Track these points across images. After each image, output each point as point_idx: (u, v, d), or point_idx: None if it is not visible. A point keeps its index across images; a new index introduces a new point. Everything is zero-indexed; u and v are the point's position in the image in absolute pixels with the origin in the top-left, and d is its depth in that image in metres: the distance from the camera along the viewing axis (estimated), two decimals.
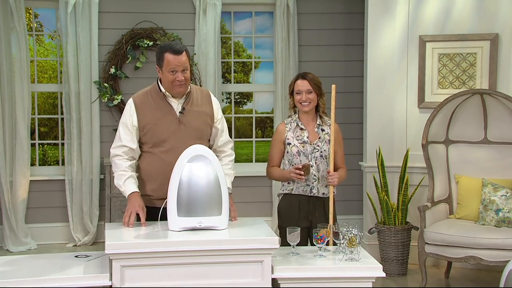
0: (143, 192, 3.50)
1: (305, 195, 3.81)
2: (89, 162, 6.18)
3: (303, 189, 3.81)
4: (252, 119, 6.78)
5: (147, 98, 3.48)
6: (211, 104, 3.58)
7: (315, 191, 3.81)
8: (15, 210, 6.06)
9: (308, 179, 3.78)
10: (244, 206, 6.30)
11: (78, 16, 6.06)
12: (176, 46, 3.39)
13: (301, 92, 3.78)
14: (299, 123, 3.86)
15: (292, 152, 3.82)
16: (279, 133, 3.89)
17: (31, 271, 3.04)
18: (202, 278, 3.00)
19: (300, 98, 3.79)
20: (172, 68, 3.36)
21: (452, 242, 4.59)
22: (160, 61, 3.41)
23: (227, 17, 6.57)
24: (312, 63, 6.41)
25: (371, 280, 3.14)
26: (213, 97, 3.63)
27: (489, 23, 5.31)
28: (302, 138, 3.83)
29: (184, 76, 3.38)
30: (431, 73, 5.45)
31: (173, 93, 3.45)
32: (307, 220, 3.80)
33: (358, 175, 5.99)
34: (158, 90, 3.48)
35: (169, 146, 3.41)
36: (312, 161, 3.80)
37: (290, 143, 3.84)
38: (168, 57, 3.36)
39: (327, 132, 3.85)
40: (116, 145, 3.47)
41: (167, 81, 3.40)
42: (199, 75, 6.28)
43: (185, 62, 3.39)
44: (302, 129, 3.85)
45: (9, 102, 6.03)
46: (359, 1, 6.13)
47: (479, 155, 5.09)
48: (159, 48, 3.44)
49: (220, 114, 3.61)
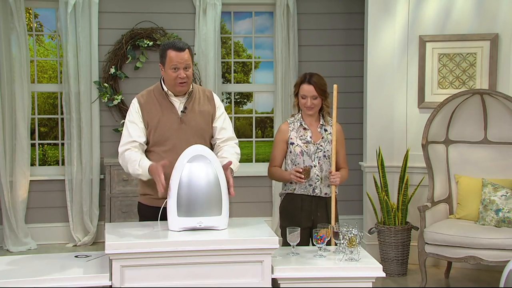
0: (144, 192, 3.50)
1: (308, 195, 3.81)
2: (89, 162, 6.18)
3: (306, 189, 3.81)
4: (252, 119, 6.78)
5: (150, 97, 3.48)
6: (213, 103, 3.57)
7: (318, 191, 3.80)
8: (15, 210, 6.06)
9: (311, 179, 3.78)
10: (244, 206, 6.32)
11: (78, 16, 6.06)
12: (179, 44, 3.40)
13: (306, 97, 3.77)
14: (303, 122, 3.85)
15: (296, 152, 3.82)
16: (282, 132, 3.88)
17: (31, 271, 3.04)
18: (202, 278, 3.00)
19: (305, 103, 3.78)
20: (174, 65, 3.36)
21: (452, 242, 4.59)
22: (162, 58, 3.41)
23: (227, 17, 6.57)
24: (312, 63, 6.41)
25: (371, 280, 3.14)
26: (215, 96, 3.62)
27: (489, 23, 5.31)
28: (306, 138, 3.82)
29: (186, 73, 3.38)
30: (431, 73, 5.45)
31: (175, 92, 3.45)
32: (309, 220, 3.79)
33: (358, 175, 5.99)
34: (160, 89, 3.48)
35: (170, 145, 3.41)
36: (315, 161, 3.79)
37: (293, 142, 3.83)
38: (171, 54, 3.37)
39: (330, 132, 3.85)
40: (125, 141, 3.42)
41: (169, 78, 3.41)
42: (199, 75, 6.28)
43: (188, 59, 3.39)
44: (305, 128, 3.84)
45: (9, 102, 6.03)
46: (359, 1, 6.13)
47: (479, 155, 5.09)
48: (162, 46, 3.46)
49: (221, 111, 3.58)
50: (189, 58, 3.40)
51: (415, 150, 5.35)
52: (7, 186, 6.02)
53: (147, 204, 3.48)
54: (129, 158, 3.35)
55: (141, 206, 3.57)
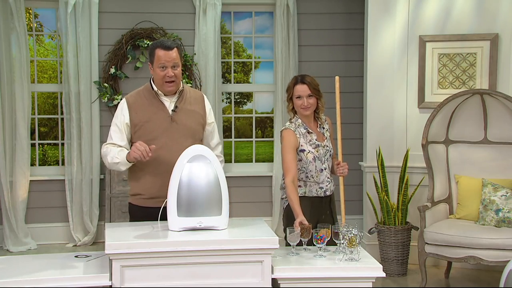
0: (134, 192, 3.50)
1: (319, 197, 3.79)
2: (89, 162, 6.18)
3: (317, 192, 3.78)
4: (252, 119, 6.78)
5: (140, 96, 3.50)
6: (203, 105, 3.60)
7: (329, 192, 3.82)
8: (15, 210, 6.06)
9: (322, 182, 3.77)
10: (244, 206, 6.32)
11: (78, 16, 6.06)
12: (167, 42, 3.42)
13: (302, 97, 3.75)
14: (306, 127, 3.81)
15: (308, 160, 3.74)
16: (292, 141, 3.73)
17: (31, 271, 3.04)
18: (202, 278, 3.00)
19: (302, 103, 3.76)
20: (162, 64, 3.38)
21: (452, 242, 4.59)
22: (151, 57, 3.44)
23: (227, 17, 6.57)
24: (312, 63, 6.42)
25: (371, 280, 3.14)
26: (206, 99, 3.65)
27: (489, 23, 5.31)
28: (313, 141, 3.78)
29: (174, 72, 3.39)
30: (431, 73, 5.45)
31: (164, 91, 3.46)
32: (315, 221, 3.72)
33: (358, 175, 5.99)
34: (150, 88, 3.50)
35: (161, 143, 3.40)
36: (325, 164, 3.79)
37: (304, 149, 3.75)
38: (159, 52, 3.39)
39: (327, 129, 3.87)
40: (107, 143, 3.51)
41: (157, 77, 3.43)
42: (199, 75, 6.28)
43: (176, 58, 3.39)
44: (309, 132, 3.81)
45: (9, 102, 6.04)
46: (359, 1, 6.13)
47: (479, 155, 5.09)
48: (151, 45, 3.49)
49: (212, 117, 3.63)
50: (177, 57, 3.41)
51: (415, 150, 5.35)
52: (7, 186, 6.02)
53: (137, 205, 3.49)
54: (109, 151, 3.42)
55: (131, 207, 3.58)
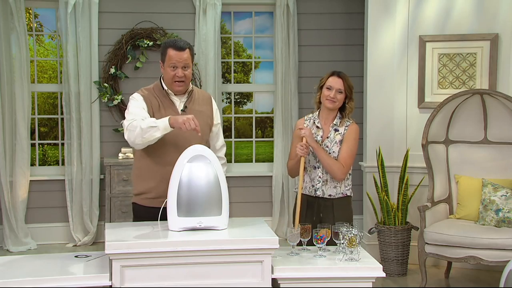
0: (139, 191, 3.49)
1: (311, 196, 3.80)
2: (89, 162, 6.18)
3: (309, 190, 3.80)
4: (252, 119, 6.78)
5: (151, 93, 3.49)
6: (211, 106, 3.62)
7: (320, 193, 3.77)
8: (15, 210, 6.06)
9: (313, 180, 3.77)
10: (244, 206, 6.32)
11: (78, 16, 6.06)
12: (180, 43, 3.42)
13: (332, 89, 3.72)
14: (316, 121, 3.82)
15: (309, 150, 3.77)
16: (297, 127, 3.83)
17: (31, 271, 3.04)
18: (202, 278, 3.00)
19: (329, 94, 3.71)
20: (173, 64, 3.38)
21: (452, 242, 4.59)
22: (163, 56, 3.44)
23: (227, 17, 6.57)
24: (312, 63, 6.42)
25: (371, 280, 3.14)
26: (213, 100, 3.67)
27: (489, 23, 5.31)
28: (316, 137, 3.79)
29: (184, 73, 3.40)
30: (431, 73, 5.45)
31: (173, 91, 3.46)
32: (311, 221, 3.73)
33: (358, 175, 5.98)
34: (160, 87, 3.49)
35: (169, 142, 3.40)
36: (319, 162, 3.77)
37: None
38: (170, 52, 3.38)
39: (340, 133, 3.78)
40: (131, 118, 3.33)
41: (167, 77, 3.42)
42: (199, 75, 6.28)
43: (187, 59, 3.40)
44: (318, 127, 3.81)
45: (9, 102, 6.03)
46: (359, 1, 6.13)
47: (479, 155, 5.09)
48: (163, 43, 3.49)
49: (218, 118, 3.65)
50: (189, 58, 3.41)
51: (415, 150, 5.35)
52: (7, 186, 6.02)
53: (142, 205, 3.48)
54: (141, 121, 3.24)
55: (136, 207, 3.56)
